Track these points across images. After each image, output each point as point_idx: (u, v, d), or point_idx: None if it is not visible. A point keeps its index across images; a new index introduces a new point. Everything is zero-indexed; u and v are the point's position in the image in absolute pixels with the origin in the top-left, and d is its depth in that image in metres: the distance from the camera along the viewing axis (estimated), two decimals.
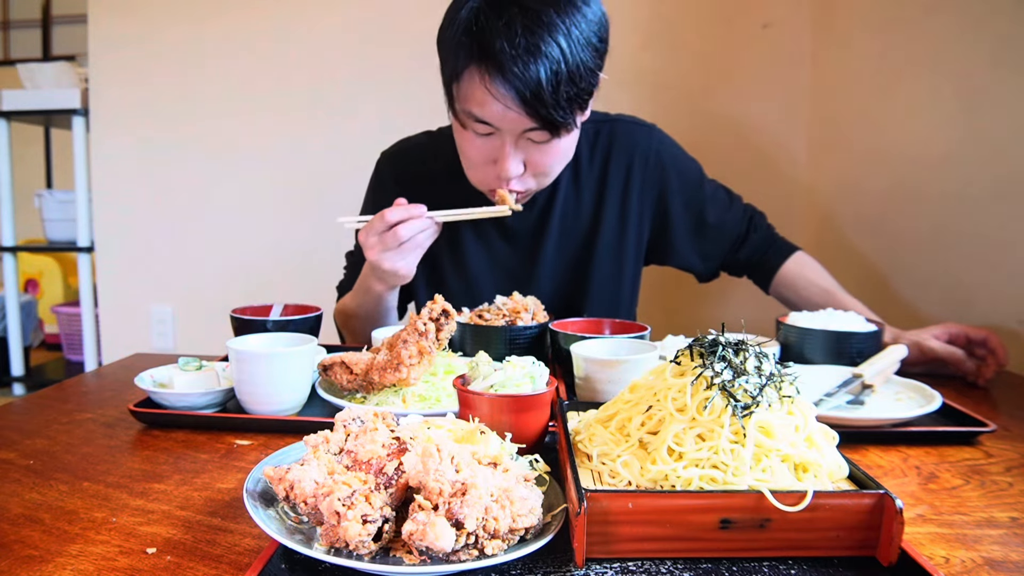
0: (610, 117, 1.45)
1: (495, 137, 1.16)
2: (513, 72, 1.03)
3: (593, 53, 1.09)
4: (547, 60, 1.03)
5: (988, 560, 0.62)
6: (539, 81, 1.04)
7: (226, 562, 0.60)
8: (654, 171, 1.42)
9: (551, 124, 1.10)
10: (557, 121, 1.09)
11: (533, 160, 1.19)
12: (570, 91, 1.07)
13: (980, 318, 1.43)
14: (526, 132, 1.13)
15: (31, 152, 4.05)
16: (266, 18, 2.55)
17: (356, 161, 2.50)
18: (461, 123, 1.17)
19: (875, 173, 1.90)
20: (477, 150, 1.19)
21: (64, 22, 4.45)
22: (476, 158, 1.20)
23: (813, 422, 0.67)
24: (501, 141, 1.15)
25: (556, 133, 1.13)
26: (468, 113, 1.13)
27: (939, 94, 1.62)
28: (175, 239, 2.71)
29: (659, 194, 1.42)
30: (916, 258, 1.70)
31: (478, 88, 1.08)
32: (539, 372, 0.80)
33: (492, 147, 1.17)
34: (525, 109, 1.07)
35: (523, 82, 1.04)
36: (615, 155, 1.40)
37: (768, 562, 0.59)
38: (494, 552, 0.55)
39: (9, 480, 0.77)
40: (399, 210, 1.16)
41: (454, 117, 1.18)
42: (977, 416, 0.94)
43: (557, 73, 1.04)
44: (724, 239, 1.48)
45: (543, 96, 1.05)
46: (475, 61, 1.07)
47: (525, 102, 1.06)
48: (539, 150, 1.17)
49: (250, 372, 0.94)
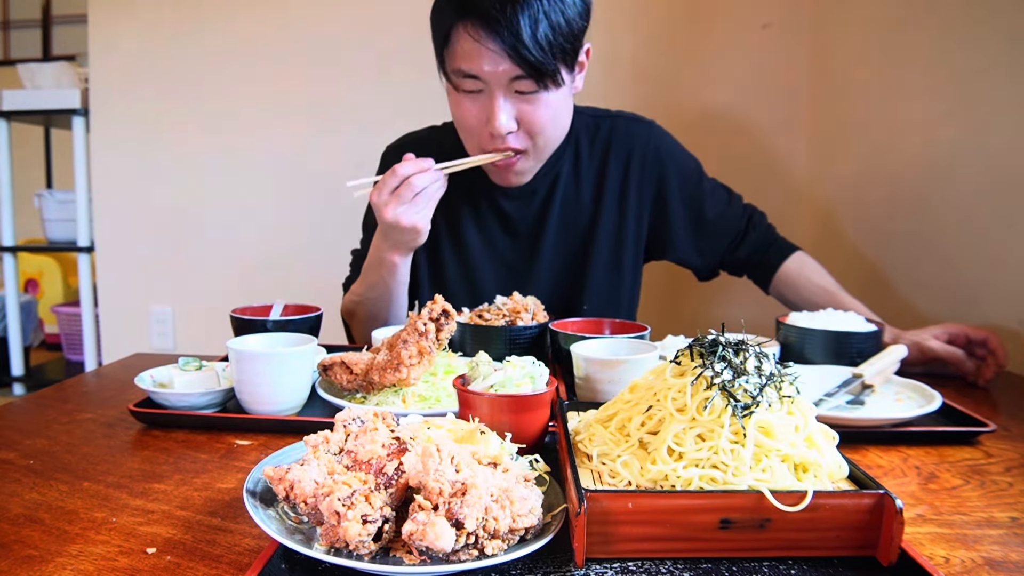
0: (611, 113, 1.47)
1: (484, 94, 1.20)
2: (495, 19, 1.11)
3: (574, 6, 1.15)
4: (528, 7, 1.11)
5: (988, 560, 0.62)
6: (519, 25, 1.10)
7: (226, 562, 0.60)
8: (653, 165, 1.43)
9: (535, 70, 1.14)
10: (541, 66, 1.14)
11: (524, 116, 1.22)
12: (550, 37, 1.13)
13: (980, 318, 1.43)
14: (513, 82, 1.17)
15: (31, 152, 4.04)
16: (266, 18, 2.55)
17: (357, 160, 2.51)
18: (453, 85, 1.22)
19: (875, 173, 1.90)
20: (468, 111, 1.23)
21: (64, 22, 4.45)
22: (469, 119, 1.24)
23: (813, 422, 0.67)
24: (489, 96, 1.19)
25: (542, 83, 1.17)
26: (457, 71, 1.18)
27: (939, 94, 1.62)
28: (175, 239, 2.71)
29: (657, 188, 1.44)
30: (916, 258, 1.70)
31: (465, 41, 1.15)
32: (539, 372, 0.80)
33: (483, 105, 1.21)
34: (508, 54, 1.13)
35: (506, 28, 1.11)
36: (614, 149, 1.43)
37: (768, 562, 0.59)
38: (494, 552, 0.55)
39: (9, 480, 0.77)
40: (409, 164, 1.19)
41: (447, 83, 1.23)
42: (977, 416, 0.94)
43: (536, 20, 1.11)
44: (722, 235, 1.48)
45: (523, 39, 1.11)
46: (460, 17, 1.14)
47: (507, 46, 1.12)
48: (529, 103, 1.20)
49: (250, 372, 0.94)
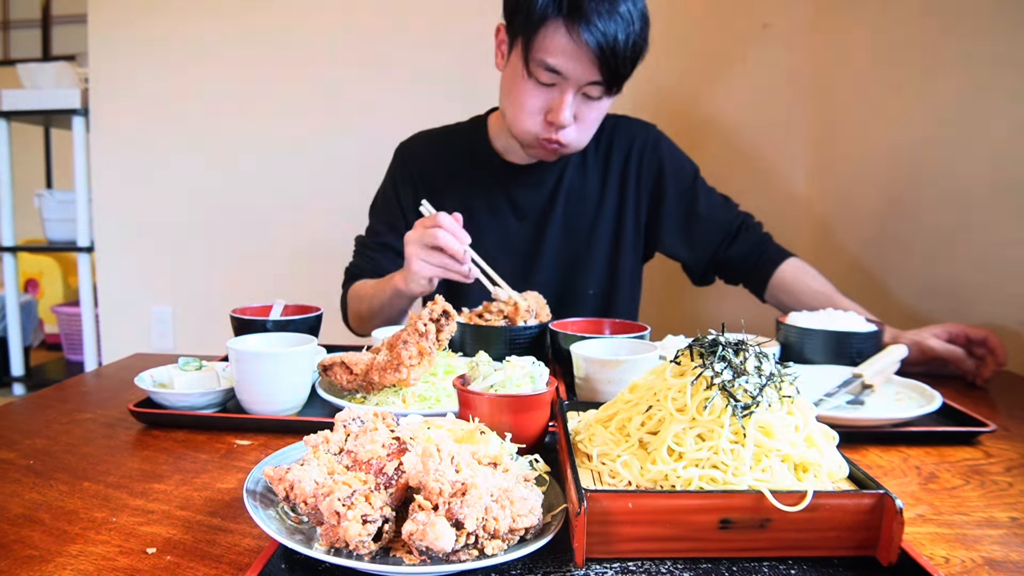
0: (615, 115, 1.55)
1: (555, 88, 1.28)
2: (596, 26, 1.19)
3: (645, 26, 1.27)
4: (623, 20, 1.21)
5: (988, 560, 0.62)
6: (616, 37, 1.20)
7: (226, 562, 0.60)
8: (651, 161, 1.53)
9: (613, 78, 1.25)
10: (619, 76, 1.25)
11: (582, 114, 1.32)
12: (632, 52, 1.24)
13: (980, 318, 1.43)
14: (586, 86, 1.26)
15: (31, 152, 4.04)
16: (267, 18, 2.55)
17: (357, 161, 2.51)
18: (529, 72, 1.27)
19: (875, 173, 1.90)
20: (535, 98, 1.30)
21: (64, 22, 4.45)
22: (532, 106, 1.31)
23: (813, 422, 0.67)
24: (561, 91, 1.27)
25: (611, 90, 1.28)
26: (541, 62, 1.25)
27: (939, 94, 1.62)
28: (175, 239, 2.71)
29: (654, 181, 1.53)
30: (916, 258, 1.70)
31: (561, 37, 1.21)
32: (539, 372, 0.80)
33: (551, 97, 1.29)
34: (599, 61, 1.21)
35: (604, 36, 1.19)
36: (616, 145, 1.53)
37: (768, 562, 0.59)
38: (494, 552, 0.55)
39: (9, 480, 0.77)
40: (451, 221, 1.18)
41: (523, 67, 1.28)
42: (977, 416, 0.94)
43: (628, 34, 1.21)
44: (714, 231, 1.53)
45: (617, 50, 1.21)
46: (563, 13, 1.21)
47: (602, 53, 1.20)
48: (588, 106, 1.31)
49: (250, 372, 0.94)
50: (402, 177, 1.54)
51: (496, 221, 1.51)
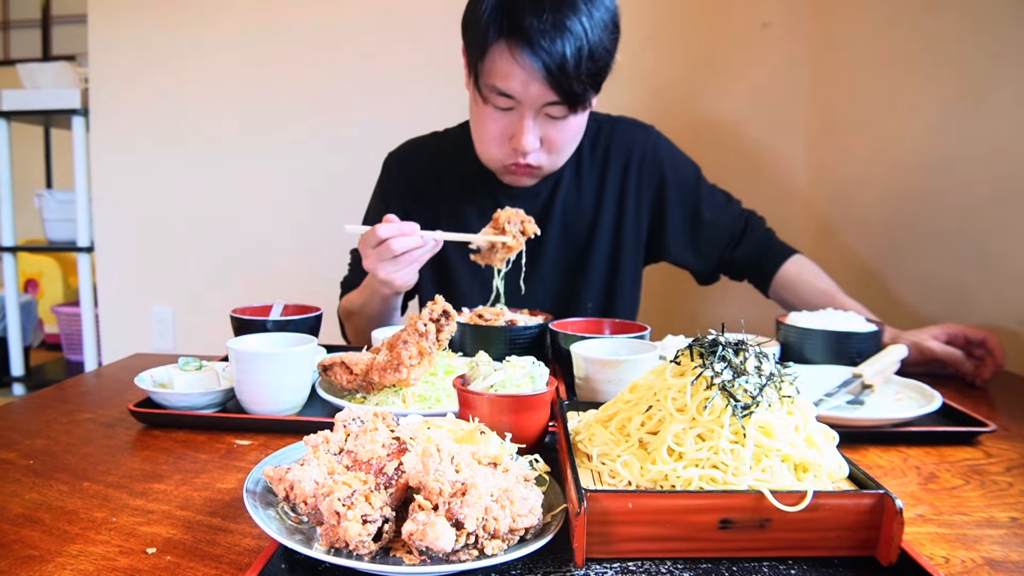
0: (612, 117, 1.50)
1: (514, 112, 1.22)
2: (541, 46, 1.11)
3: (609, 36, 1.17)
4: (572, 36, 1.12)
5: (988, 560, 0.62)
6: (564, 55, 1.11)
7: (226, 562, 0.60)
8: (651, 168, 1.47)
9: (571, 97, 1.17)
10: (577, 95, 1.17)
11: (549, 136, 1.25)
12: (590, 68, 1.15)
13: (980, 318, 1.43)
14: (545, 107, 1.20)
15: (31, 152, 4.04)
16: (266, 18, 2.55)
17: (357, 161, 2.51)
18: (484, 98, 1.23)
19: (875, 173, 1.90)
20: (496, 124, 1.25)
21: (64, 22, 4.45)
22: (494, 132, 1.26)
23: (813, 422, 0.67)
24: (520, 115, 1.21)
25: (573, 109, 1.20)
26: (492, 87, 1.19)
27: (939, 94, 1.62)
28: (175, 239, 2.71)
29: (656, 189, 1.48)
30: (916, 259, 1.70)
31: (506, 61, 1.15)
32: (539, 372, 0.80)
33: (510, 122, 1.23)
34: (549, 81, 1.14)
35: (550, 56, 1.12)
36: (614, 151, 1.46)
37: (768, 562, 0.59)
38: (494, 552, 0.55)
39: (9, 480, 0.77)
40: (389, 226, 1.16)
41: (476, 93, 1.24)
42: (977, 416, 0.94)
43: (580, 49, 1.12)
44: (719, 236, 1.50)
45: (567, 69, 1.12)
46: (504, 35, 1.14)
47: (551, 74, 1.13)
48: (555, 126, 1.24)
49: (250, 372, 0.94)
50: (390, 190, 1.50)
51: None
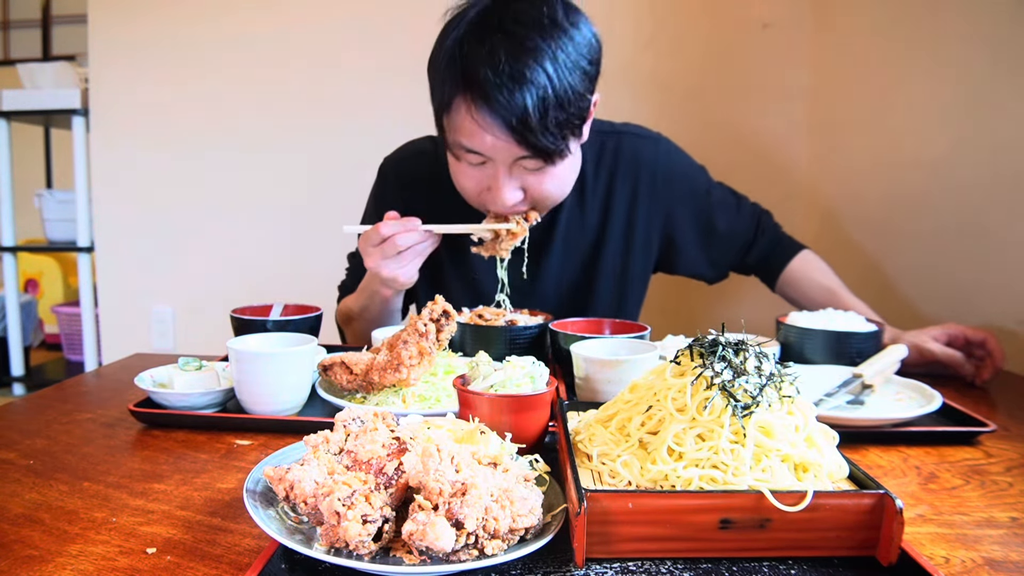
0: (616, 128, 1.42)
1: (488, 166, 1.14)
2: (498, 101, 1.01)
3: (582, 77, 1.06)
4: (533, 87, 1.01)
5: (988, 560, 0.62)
6: (525, 108, 1.01)
7: (226, 562, 0.60)
8: (662, 186, 1.39)
9: (542, 152, 1.08)
10: (547, 148, 1.07)
11: (530, 187, 1.16)
12: (559, 117, 1.04)
13: (980, 318, 1.43)
14: (519, 160, 1.11)
15: (31, 152, 4.04)
16: (267, 18, 2.55)
17: (357, 161, 2.51)
18: (454, 155, 1.16)
19: (875, 173, 1.90)
20: (472, 179, 1.17)
21: (64, 22, 4.45)
22: (472, 188, 1.19)
23: (813, 422, 0.67)
24: (494, 170, 1.13)
25: (549, 160, 1.11)
26: (459, 144, 1.12)
27: (939, 94, 1.62)
28: (175, 239, 2.71)
29: (667, 209, 1.40)
30: (916, 258, 1.70)
31: (466, 118, 1.07)
32: (539, 372, 0.80)
33: (486, 175, 1.15)
34: (513, 137, 1.05)
35: (509, 110, 1.02)
36: (621, 170, 1.38)
37: (768, 562, 0.59)
38: (494, 552, 0.55)
39: (9, 480, 0.77)
40: (392, 223, 1.15)
41: (447, 148, 1.17)
42: (977, 416, 0.94)
43: (544, 100, 1.02)
44: (734, 245, 1.48)
45: (530, 123, 1.03)
46: (461, 91, 1.05)
47: (513, 130, 1.04)
48: (535, 177, 1.15)
49: (250, 372, 0.94)
50: (385, 197, 1.46)
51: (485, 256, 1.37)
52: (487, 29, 1.03)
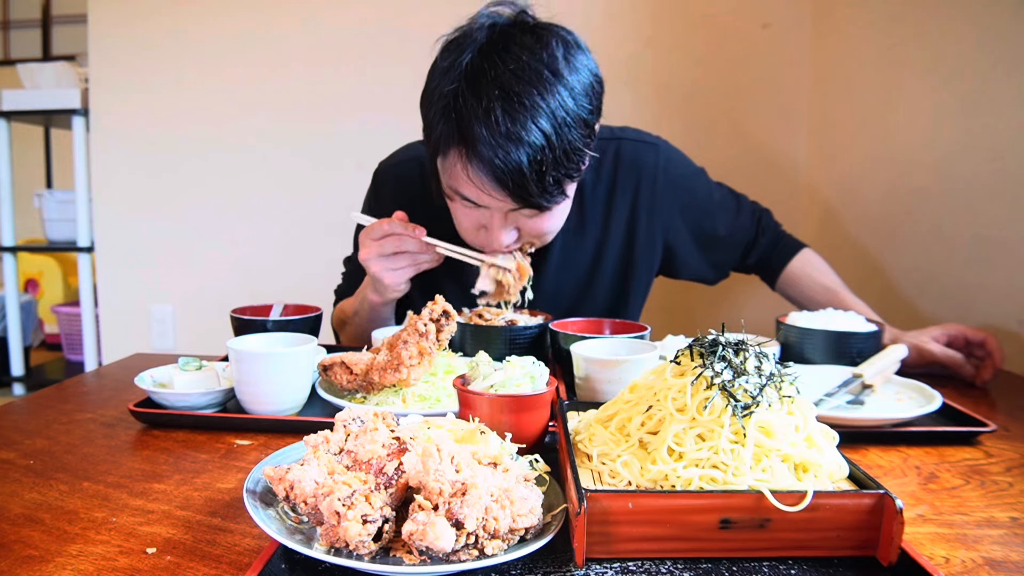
0: (615, 133, 1.38)
1: (484, 209, 1.11)
2: (494, 162, 0.99)
3: (582, 130, 1.03)
4: (530, 148, 0.98)
5: (988, 560, 0.62)
6: (521, 170, 0.99)
7: (226, 562, 0.60)
8: (662, 194, 1.37)
9: (538, 206, 1.06)
10: (542, 205, 1.06)
11: (526, 228, 1.15)
12: (557, 174, 1.02)
13: (980, 318, 1.43)
14: (514, 210, 1.10)
15: (31, 152, 4.04)
16: (266, 19, 2.55)
17: (357, 160, 2.52)
18: (448, 196, 1.14)
19: (875, 173, 1.90)
20: (467, 218, 1.15)
21: (64, 22, 4.45)
22: (467, 226, 1.17)
23: (813, 422, 0.67)
24: (490, 214, 1.11)
25: (546, 208, 1.09)
26: (453, 189, 1.10)
27: (939, 94, 1.62)
28: (175, 239, 2.71)
29: (669, 216, 1.38)
30: (916, 258, 1.70)
31: (460, 170, 1.04)
32: (539, 372, 0.80)
33: (481, 215, 1.13)
34: (509, 195, 1.03)
35: (505, 171, 0.99)
36: (621, 177, 1.35)
37: (768, 562, 0.59)
38: (494, 552, 0.55)
39: (9, 480, 0.77)
40: (397, 223, 1.14)
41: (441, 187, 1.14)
42: (977, 416, 0.94)
43: (541, 161, 0.99)
44: (735, 248, 1.48)
45: (527, 185, 1.01)
46: (455, 144, 1.03)
47: (508, 190, 1.02)
48: (531, 221, 1.13)
49: (250, 372, 0.94)
50: (380, 205, 1.42)
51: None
52: (483, 82, 0.99)
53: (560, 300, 1.40)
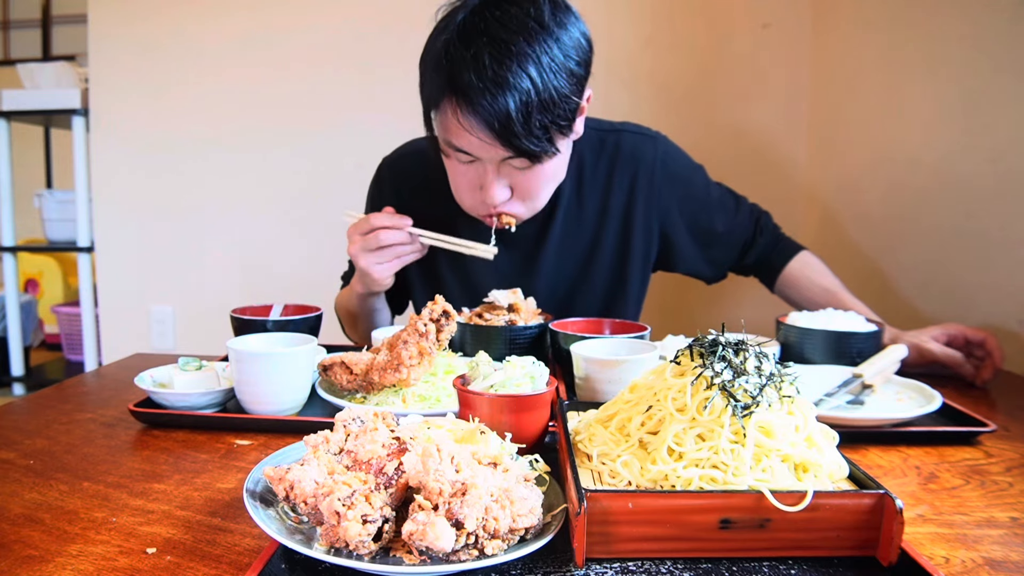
0: (615, 126, 1.42)
1: (478, 164, 1.16)
2: (482, 105, 1.03)
3: (568, 78, 1.07)
4: (516, 91, 1.02)
5: (988, 560, 0.62)
6: (508, 113, 1.03)
7: (226, 562, 0.60)
8: (660, 185, 1.39)
9: (527, 153, 1.09)
10: (532, 150, 1.09)
11: (519, 185, 1.18)
12: (544, 119, 1.06)
13: (980, 318, 1.43)
14: (506, 160, 1.13)
15: (31, 152, 4.04)
16: (266, 18, 2.55)
17: (356, 161, 2.52)
18: (444, 152, 1.18)
19: (875, 173, 1.90)
20: (463, 176, 1.20)
21: (64, 22, 4.45)
22: (463, 185, 1.21)
23: (813, 422, 0.67)
24: (483, 168, 1.16)
25: (536, 159, 1.12)
26: (447, 142, 1.14)
27: (939, 94, 1.62)
28: (175, 239, 2.71)
29: (665, 207, 1.41)
30: (916, 258, 1.70)
31: (452, 119, 1.09)
32: (539, 372, 0.80)
33: (476, 173, 1.17)
34: (498, 140, 1.07)
35: (492, 114, 1.03)
36: (619, 167, 1.38)
37: (768, 562, 0.59)
38: (494, 552, 0.55)
39: (9, 480, 0.77)
40: (384, 217, 1.19)
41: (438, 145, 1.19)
42: (977, 416, 0.94)
43: (527, 104, 1.03)
44: (733, 246, 1.48)
45: (513, 127, 1.04)
46: (447, 94, 1.07)
47: (497, 134, 1.05)
48: (523, 175, 1.17)
49: (250, 372, 0.94)
50: (383, 197, 1.45)
51: None
52: (473, 33, 1.04)
53: (558, 285, 1.42)
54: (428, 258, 1.40)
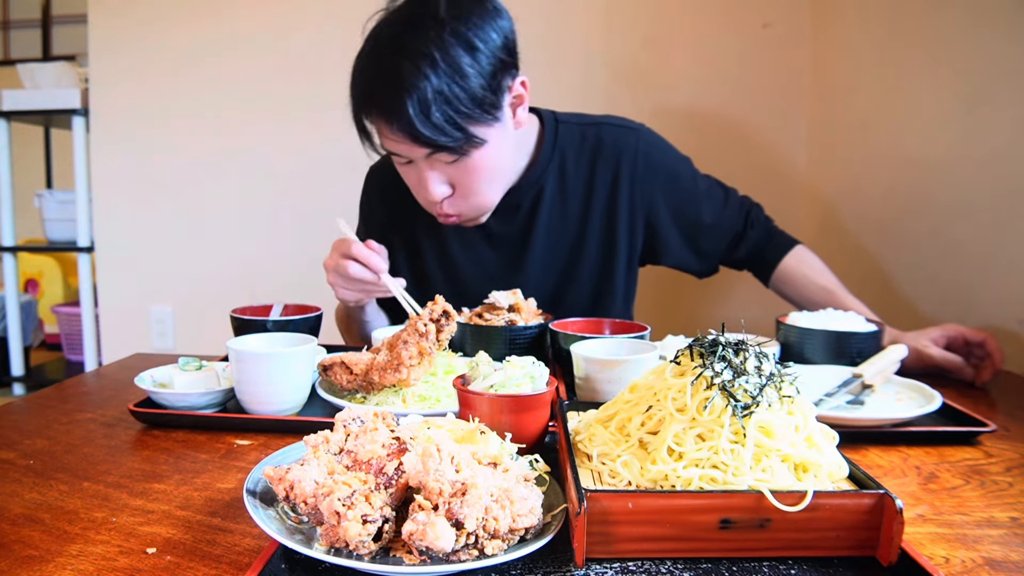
0: (596, 120, 1.41)
1: (414, 163, 1.19)
2: (384, 107, 1.09)
3: (472, 67, 1.08)
4: (412, 89, 1.06)
5: (988, 560, 0.62)
6: (406, 112, 1.06)
7: (226, 562, 0.60)
8: (643, 176, 1.38)
9: (441, 147, 1.11)
10: (443, 144, 1.10)
11: (456, 181, 1.20)
12: (447, 111, 1.07)
13: (980, 318, 1.43)
14: (430, 155, 1.15)
15: (31, 152, 4.04)
16: (266, 18, 2.55)
17: (356, 161, 2.51)
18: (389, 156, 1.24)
19: (875, 174, 1.90)
20: (407, 177, 1.25)
21: (64, 22, 4.45)
22: (411, 185, 1.26)
23: (813, 422, 0.67)
24: (418, 167, 1.19)
25: (459, 152, 1.13)
26: (382, 146, 1.20)
27: (940, 95, 1.62)
28: (175, 239, 2.71)
29: (649, 198, 1.40)
30: (916, 258, 1.70)
31: (375, 128, 1.17)
32: (539, 372, 0.80)
33: (415, 172, 1.21)
34: (407, 138, 1.10)
35: (395, 116, 1.08)
36: (602, 159, 1.38)
37: (768, 562, 0.59)
38: (494, 552, 0.55)
39: (9, 480, 0.77)
40: (363, 251, 1.16)
41: None
42: (977, 416, 0.94)
43: (422, 101, 1.06)
44: (721, 238, 1.46)
45: (415, 125, 1.07)
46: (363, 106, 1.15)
47: (405, 133, 1.09)
48: (456, 169, 1.18)
49: (250, 372, 0.94)
50: (372, 203, 1.50)
51: (469, 252, 1.41)
52: (377, 40, 1.13)
53: (545, 280, 1.41)
54: (415, 257, 1.40)
